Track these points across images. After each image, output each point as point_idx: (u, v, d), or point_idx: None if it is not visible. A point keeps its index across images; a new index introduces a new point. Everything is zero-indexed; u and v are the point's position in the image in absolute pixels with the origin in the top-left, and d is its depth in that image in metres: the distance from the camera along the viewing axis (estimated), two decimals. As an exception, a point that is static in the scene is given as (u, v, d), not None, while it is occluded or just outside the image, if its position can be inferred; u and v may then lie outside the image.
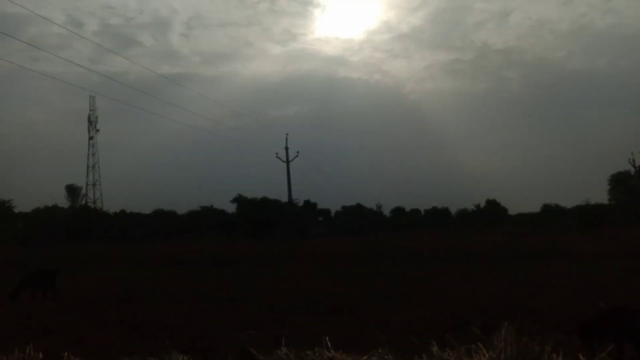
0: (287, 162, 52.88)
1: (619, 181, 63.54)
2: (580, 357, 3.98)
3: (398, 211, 72.81)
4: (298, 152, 53.46)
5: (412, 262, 21.03)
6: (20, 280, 12.52)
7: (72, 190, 65.25)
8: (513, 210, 71.64)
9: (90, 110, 75.59)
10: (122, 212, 68.17)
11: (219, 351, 5.81)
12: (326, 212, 74.31)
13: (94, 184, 74.93)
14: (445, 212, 72.03)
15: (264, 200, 58.91)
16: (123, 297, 12.20)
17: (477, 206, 69.25)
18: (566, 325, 7.57)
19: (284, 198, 56.71)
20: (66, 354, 4.57)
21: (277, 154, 53.24)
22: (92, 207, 69.72)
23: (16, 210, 61.79)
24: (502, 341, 3.94)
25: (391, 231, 55.77)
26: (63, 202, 64.25)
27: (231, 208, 63.52)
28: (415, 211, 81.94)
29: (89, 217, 62.61)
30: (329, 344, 4.28)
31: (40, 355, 4.46)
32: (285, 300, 11.10)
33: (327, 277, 15.83)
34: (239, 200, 61.55)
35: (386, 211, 74.99)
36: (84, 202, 68.24)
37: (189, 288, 13.82)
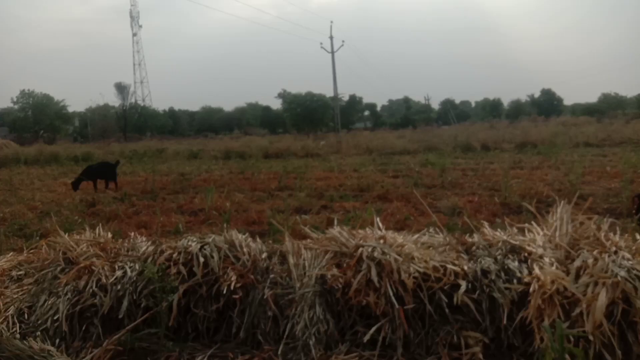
0: (332, 52, 51.45)
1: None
2: (637, 236, 3.89)
3: (447, 103, 70.77)
4: (343, 41, 51.87)
5: (462, 153, 20.82)
6: (83, 171, 13.29)
7: (121, 88, 66.54)
8: (569, 100, 68.36)
9: (131, 5, 74.82)
10: (171, 109, 69.52)
11: (274, 232, 6.06)
12: (372, 106, 73.14)
13: (141, 82, 76.17)
14: (497, 103, 69.26)
15: (309, 95, 58.29)
16: (179, 188, 12.78)
17: (531, 96, 66.11)
18: (622, 210, 7.45)
19: (329, 93, 56.04)
20: (133, 233, 4.86)
21: (321, 44, 51.85)
22: (142, 104, 71.36)
23: (70, 110, 64.01)
24: (558, 219, 3.89)
25: (440, 124, 54.73)
26: (113, 100, 65.99)
27: (276, 104, 63.57)
28: (466, 103, 79.56)
29: (140, 115, 64.30)
30: (379, 224, 4.35)
31: (109, 235, 4.76)
32: (334, 189, 11.35)
33: (375, 168, 15.94)
34: (284, 95, 61.23)
35: (435, 104, 73.08)
36: (133, 100, 69.82)
37: (241, 179, 14.30)
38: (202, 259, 3.71)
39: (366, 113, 73.12)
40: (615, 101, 58.28)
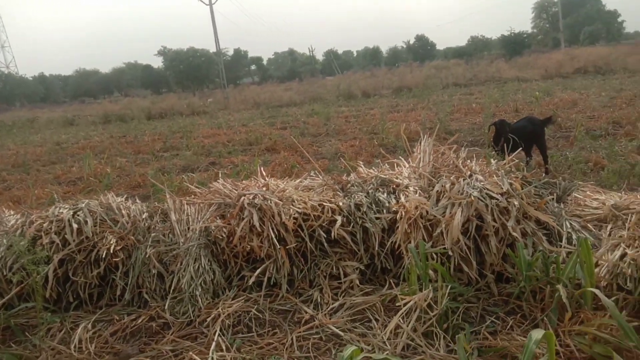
0: (210, 4, 49.13)
1: (542, 8, 65.03)
2: (492, 161, 4.32)
3: (330, 54, 71.56)
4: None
5: (345, 101, 21.46)
6: None
7: (-22, 55, 59.10)
8: (441, 45, 72.26)
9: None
10: (41, 75, 63.43)
11: (157, 194, 5.93)
12: (258, 59, 72.08)
13: (2, 47, 68.18)
14: (376, 51, 71.48)
15: (191, 50, 55.67)
16: (55, 159, 11.91)
17: (407, 43, 68.87)
18: (484, 141, 8.22)
19: (213, 48, 54.01)
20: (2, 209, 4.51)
21: (198, -6, 49.11)
22: (6, 71, 64.08)
23: None
24: (421, 152, 4.23)
25: (325, 75, 55.33)
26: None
27: (157, 62, 60.18)
28: (348, 53, 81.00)
29: (5, 83, 57.82)
30: (263, 172, 4.45)
31: (-26, 213, 4.38)
32: (222, 145, 11.22)
33: (263, 122, 15.93)
34: (164, 53, 57.92)
35: (319, 55, 73.65)
36: (-6, 67, 62.47)
37: (122, 143, 13.61)
38: (75, 226, 3.56)
39: (253, 67, 71.89)
40: (482, 43, 62.35)
